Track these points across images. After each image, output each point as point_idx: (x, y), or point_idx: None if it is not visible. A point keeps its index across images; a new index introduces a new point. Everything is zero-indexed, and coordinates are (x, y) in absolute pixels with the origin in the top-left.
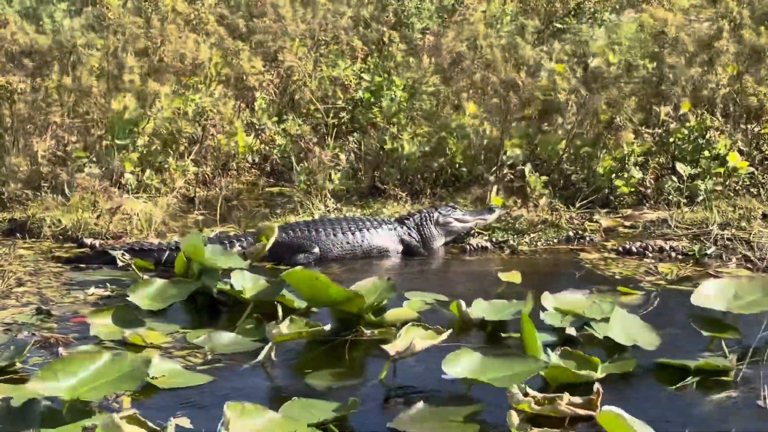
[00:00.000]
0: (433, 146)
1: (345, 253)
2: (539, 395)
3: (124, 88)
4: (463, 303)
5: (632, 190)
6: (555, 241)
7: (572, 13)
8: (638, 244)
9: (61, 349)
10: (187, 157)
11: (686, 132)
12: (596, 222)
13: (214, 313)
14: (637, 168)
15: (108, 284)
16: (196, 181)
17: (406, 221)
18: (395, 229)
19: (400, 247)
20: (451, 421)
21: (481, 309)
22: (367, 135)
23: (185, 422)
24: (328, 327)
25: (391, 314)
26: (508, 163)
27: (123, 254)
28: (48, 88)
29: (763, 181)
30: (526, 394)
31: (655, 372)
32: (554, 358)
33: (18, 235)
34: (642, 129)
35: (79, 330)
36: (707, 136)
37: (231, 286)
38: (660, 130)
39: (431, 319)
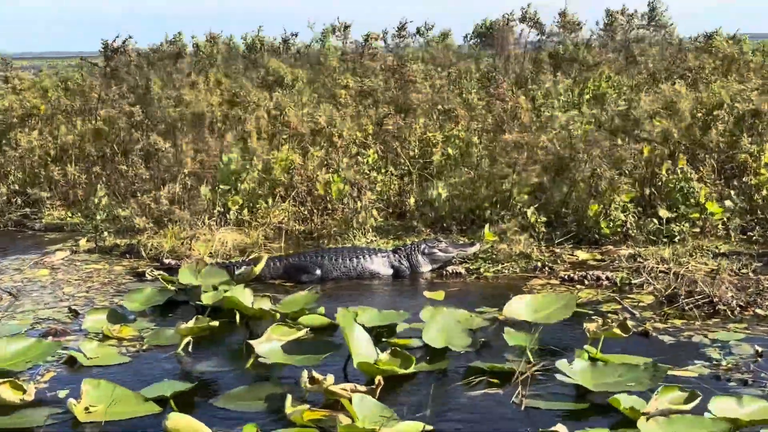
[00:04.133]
0: (466, 193)
1: (342, 275)
2: (320, 377)
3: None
4: (352, 312)
5: (618, 230)
6: (519, 270)
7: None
8: (580, 273)
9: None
10: (288, 200)
11: (675, 183)
12: (574, 255)
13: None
14: (624, 213)
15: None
16: (290, 218)
17: (398, 251)
18: (388, 257)
19: (391, 271)
20: (254, 397)
21: (367, 317)
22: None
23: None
24: (216, 323)
25: (305, 319)
26: (519, 207)
27: (151, 270)
28: (184, 147)
29: (733, 225)
30: (310, 378)
31: (459, 372)
32: (383, 356)
33: (127, 255)
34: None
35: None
36: (691, 186)
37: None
38: (658, 182)
39: None
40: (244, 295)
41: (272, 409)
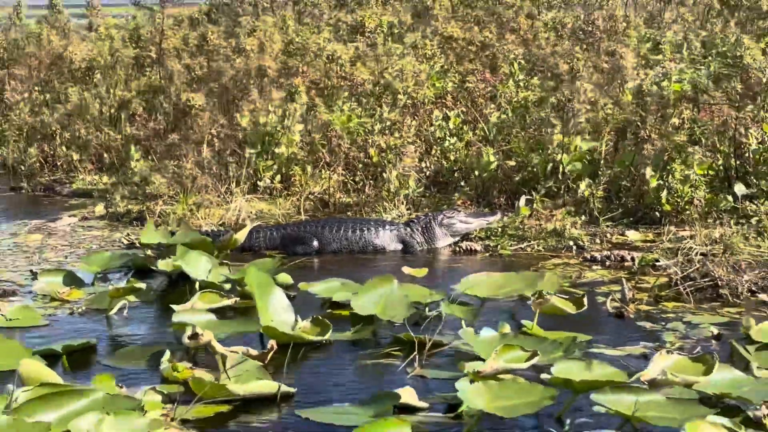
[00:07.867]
0: (520, 161)
1: (342, 248)
2: (201, 332)
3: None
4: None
5: (686, 208)
6: (544, 248)
7: None
8: (603, 253)
9: None
10: (333, 167)
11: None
12: (624, 236)
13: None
14: (692, 188)
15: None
16: (336, 188)
17: (412, 223)
18: (398, 230)
19: (400, 246)
20: (142, 356)
21: (323, 287)
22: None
23: None
24: (141, 285)
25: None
26: (570, 177)
27: (127, 234)
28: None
29: None
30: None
31: (380, 342)
32: (302, 323)
33: (135, 222)
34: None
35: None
36: None
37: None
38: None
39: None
40: (196, 262)
41: (152, 367)
